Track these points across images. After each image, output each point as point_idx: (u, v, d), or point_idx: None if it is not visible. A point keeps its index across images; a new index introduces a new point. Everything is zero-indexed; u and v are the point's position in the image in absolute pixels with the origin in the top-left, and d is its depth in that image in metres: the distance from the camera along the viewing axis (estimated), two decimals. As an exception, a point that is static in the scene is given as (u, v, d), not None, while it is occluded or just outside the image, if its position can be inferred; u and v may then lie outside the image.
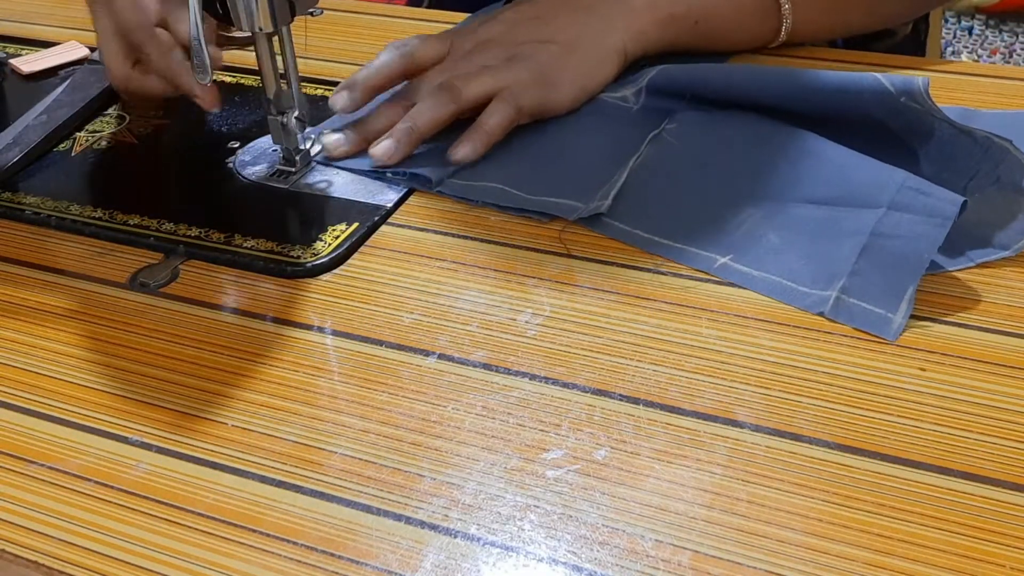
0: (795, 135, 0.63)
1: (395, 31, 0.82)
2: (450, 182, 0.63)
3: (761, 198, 0.60)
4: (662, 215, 0.60)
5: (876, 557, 0.41)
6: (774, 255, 0.57)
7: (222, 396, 0.51)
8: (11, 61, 0.78)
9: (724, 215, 0.60)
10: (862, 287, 0.53)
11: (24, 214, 0.64)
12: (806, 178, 0.60)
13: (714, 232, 0.59)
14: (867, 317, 0.52)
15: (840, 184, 0.59)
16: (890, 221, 0.56)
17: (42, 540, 0.45)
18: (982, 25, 2.48)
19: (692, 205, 0.61)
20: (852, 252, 0.55)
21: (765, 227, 0.58)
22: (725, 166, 0.63)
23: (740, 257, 0.57)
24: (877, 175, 0.59)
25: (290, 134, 0.65)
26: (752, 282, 0.55)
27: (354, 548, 0.43)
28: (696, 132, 0.66)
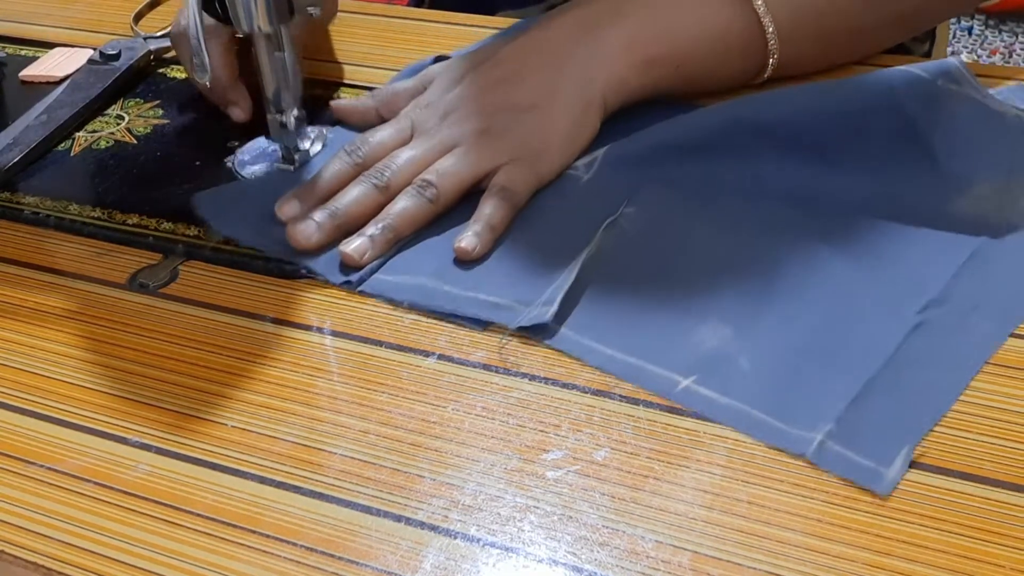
0: (784, 232, 0.55)
1: (395, 31, 0.82)
2: (376, 279, 0.56)
3: (732, 311, 0.52)
4: (616, 324, 0.52)
5: (876, 558, 0.41)
6: (745, 380, 0.49)
7: (221, 397, 0.51)
8: (21, 74, 0.78)
9: (687, 328, 0.51)
10: (850, 435, 0.46)
11: (23, 214, 0.64)
12: (794, 293, 0.52)
13: (675, 348, 0.50)
14: (855, 468, 0.45)
15: (840, 304, 0.52)
16: (900, 361, 0.48)
17: (41, 541, 0.44)
18: (982, 25, 2.48)
19: (651, 313, 0.53)
20: (845, 394, 0.47)
21: (735, 348, 0.50)
22: (691, 266, 0.55)
23: (705, 379, 0.49)
24: (890, 294, 0.51)
25: (289, 133, 0.65)
26: (718, 411, 0.47)
27: (354, 549, 0.43)
28: (658, 219, 0.58)
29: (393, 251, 0.58)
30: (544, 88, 0.62)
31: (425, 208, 0.58)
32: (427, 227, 0.59)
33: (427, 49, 0.78)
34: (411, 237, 0.58)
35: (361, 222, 0.58)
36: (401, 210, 0.58)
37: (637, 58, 0.63)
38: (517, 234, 0.58)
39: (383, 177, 0.59)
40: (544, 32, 0.65)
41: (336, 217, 0.58)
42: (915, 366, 0.48)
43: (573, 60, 0.62)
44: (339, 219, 0.58)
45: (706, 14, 0.64)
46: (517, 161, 0.60)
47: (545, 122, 0.61)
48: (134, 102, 0.75)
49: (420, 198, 0.58)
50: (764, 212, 0.57)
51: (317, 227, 0.58)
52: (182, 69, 0.78)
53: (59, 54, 0.80)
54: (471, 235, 0.57)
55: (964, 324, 0.50)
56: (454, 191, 0.59)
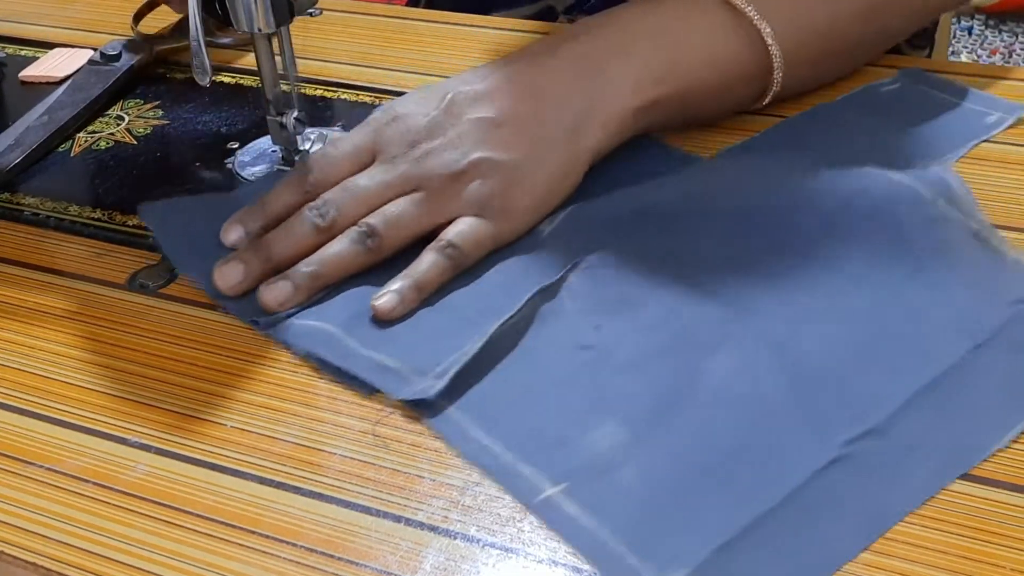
0: (722, 334, 0.49)
1: (395, 31, 0.82)
2: (283, 325, 0.53)
3: (640, 412, 0.46)
4: (507, 409, 0.47)
5: (876, 558, 0.41)
6: (620, 497, 0.43)
7: (221, 397, 0.51)
8: (21, 74, 0.78)
9: (584, 426, 0.46)
10: None
11: (23, 215, 0.64)
12: (714, 399, 0.46)
13: (561, 447, 0.45)
14: None
15: (762, 421, 0.45)
16: (801, 501, 0.42)
17: (40, 541, 0.44)
18: (982, 25, 2.48)
19: (551, 403, 0.47)
20: (722, 533, 0.41)
21: (624, 456, 0.44)
22: (612, 356, 0.49)
23: (575, 489, 0.43)
24: (824, 416, 0.45)
25: (289, 134, 0.65)
26: (572, 534, 0.42)
27: (353, 549, 0.43)
28: (599, 291, 0.52)
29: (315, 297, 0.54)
30: (534, 135, 0.56)
31: (362, 257, 0.54)
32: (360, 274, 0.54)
33: (426, 49, 0.79)
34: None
35: (293, 262, 0.54)
36: (334, 256, 0.54)
37: (642, 100, 0.59)
38: (444, 288, 0.53)
39: (326, 216, 0.54)
40: (545, 65, 0.59)
41: (268, 261, 0.54)
42: (816, 511, 0.42)
43: (573, 102, 0.58)
44: (270, 263, 0.54)
45: (714, 43, 0.61)
46: (477, 218, 0.55)
47: (521, 178, 0.55)
48: (134, 103, 0.75)
49: (359, 244, 0.54)
50: (706, 310, 0.51)
51: (244, 270, 0.54)
52: (182, 70, 0.78)
53: (59, 54, 0.80)
54: (393, 293, 0.52)
55: (897, 465, 0.44)
56: (398, 242, 0.55)
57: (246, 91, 0.75)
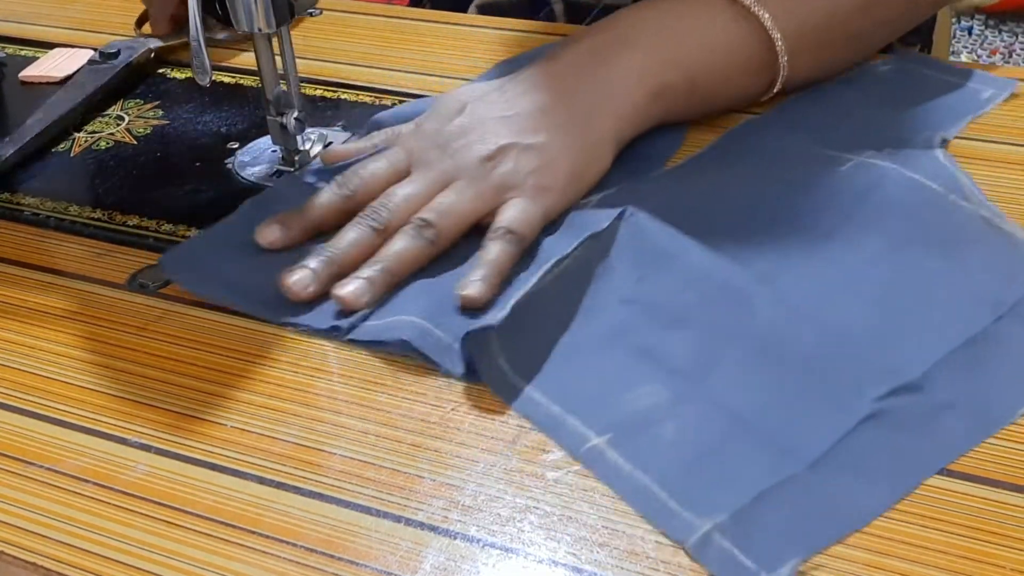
0: (756, 293, 0.51)
1: (394, 31, 0.82)
2: (365, 326, 0.53)
3: (677, 375, 0.48)
4: (555, 367, 0.49)
5: (876, 558, 0.41)
6: (661, 450, 0.45)
7: (221, 397, 0.51)
8: (21, 74, 0.78)
9: (621, 382, 0.48)
10: (742, 532, 0.42)
11: (23, 215, 0.64)
12: (750, 359, 0.48)
13: (604, 403, 0.47)
14: (734, 566, 0.41)
15: (796, 378, 0.47)
16: (834, 458, 0.44)
17: (40, 542, 0.44)
18: (982, 25, 2.49)
19: (581, 352, 0.50)
20: (758, 484, 0.43)
21: (665, 413, 0.46)
22: (655, 309, 0.51)
23: (619, 441, 0.45)
24: (856, 371, 0.47)
25: (289, 135, 0.65)
26: (617, 480, 0.44)
27: (353, 549, 0.43)
28: (641, 243, 0.54)
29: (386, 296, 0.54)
30: (551, 122, 0.59)
31: (424, 249, 0.55)
32: (424, 268, 0.56)
33: (426, 49, 0.79)
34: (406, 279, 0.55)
35: (356, 266, 0.55)
36: (399, 251, 0.55)
37: (650, 87, 0.62)
38: None
39: (380, 218, 0.56)
40: (552, 65, 0.62)
41: (332, 264, 0.55)
42: (850, 466, 0.44)
43: (583, 94, 0.60)
44: (335, 266, 0.55)
45: (714, 34, 0.63)
46: (522, 198, 0.57)
47: (551, 157, 0.58)
48: (134, 103, 0.75)
49: (419, 239, 0.55)
50: (742, 272, 0.53)
51: (313, 276, 0.54)
52: (182, 70, 0.78)
53: (59, 54, 0.80)
54: (478, 282, 0.52)
55: (930, 423, 0.45)
56: (454, 231, 0.56)
57: (246, 91, 0.75)
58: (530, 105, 0.60)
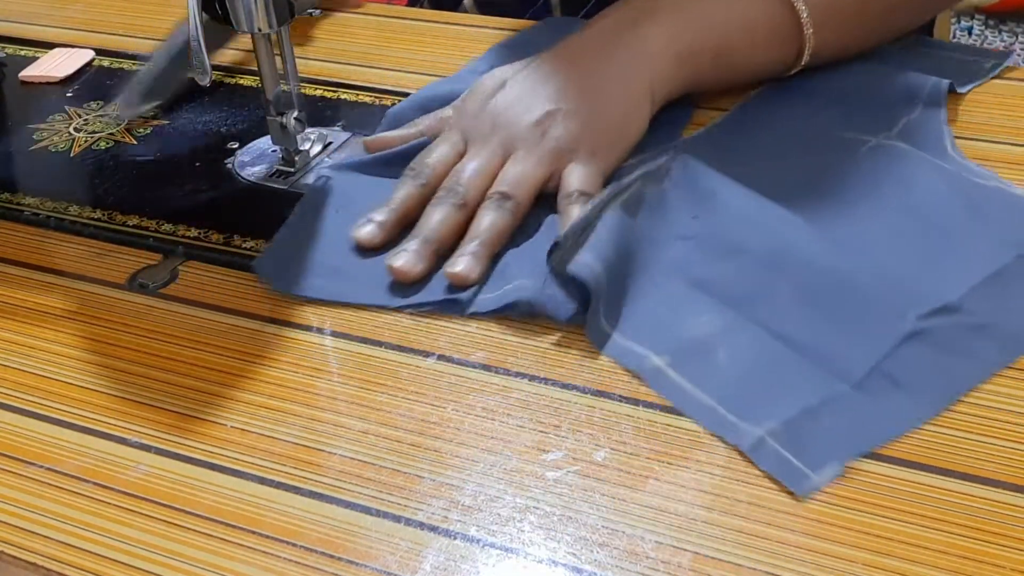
0: (803, 224, 0.56)
1: (394, 31, 0.82)
2: (481, 298, 0.55)
3: (729, 306, 0.52)
4: (616, 296, 0.53)
5: (876, 558, 0.41)
6: (716, 372, 0.49)
7: (221, 397, 0.51)
8: (21, 74, 0.78)
9: (676, 310, 0.53)
10: (792, 437, 0.46)
11: (23, 215, 0.64)
12: (799, 282, 0.53)
13: (662, 330, 0.52)
14: (784, 466, 0.45)
15: (842, 298, 0.52)
16: (878, 375, 0.48)
17: (40, 542, 0.44)
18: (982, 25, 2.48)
19: (644, 284, 0.54)
20: (806, 399, 0.48)
21: (718, 342, 0.51)
22: (709, 244, 0.56)
23: (678, 363, 0.50)
24: (899, 293, 0.51)
25: (289, 135, 0.65)
26: (682, 398, 0.49)
27: (353, 549, 0.43)
28: (695, 182, 0.59)
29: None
30: (590, 86, 0.62)
31: (509, 220, 0.58)
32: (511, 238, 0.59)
33: (426, 49, 0.79)
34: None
35: (450, 243, 0.58)
36: (489, 225, 0.58)
37: (677, 51, 0.64)
38: None
39: (458, 194, 0.59)
40: (582, 37, 0.65)
41: (429, 243, 0.57)
42: (890, 385, 0.48)
43: (616, 59, 0.63)
44: (432, 244, 0.57)
45: (738, 5, 0.66)
46: (580, 158, 0.60)
47: (595, 119, 0.61)
48: (134, 103, 0.74)
49: (502, 210, 0.58)
50: (787, 212, 0.57)
51: (417, 256, 0.57)
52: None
53: (59, 54, 0.80)
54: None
55: (966, 343, 0.49)
56: (530, 197, 0.60)
57: (246, 91, 0.75)
58: (567, 74, 0.63)
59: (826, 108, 0.67)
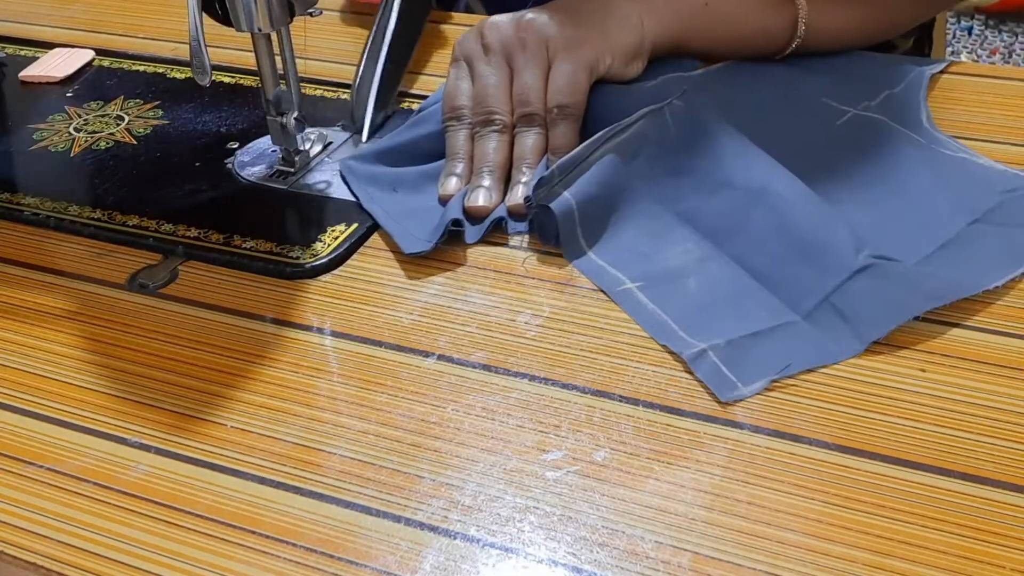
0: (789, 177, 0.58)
1: (394, 31, 0.81)
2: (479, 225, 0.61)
3: (708, 237, 0.57)
4: (603, 223, 0.59)
5: (876, 558, 0.41)
6: (683, 298, 0.54)
7: (221, 397, 0.51)
8: (21, 74, 0.78)
9: (657, 240, 0.58)
10: (734, 355, 0.50)
11: (23, 215, 0.64)
12: (767, 231, 0.56)
13: (640, 260, 0.57)
14: (717, 377, 0.49)
15: (803, 235, 0.55)
16: (825, 311, 0.52)
17: (40, 541, 0.44)
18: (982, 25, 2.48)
19: (632, 215, 0.59)
20: (760, 325, 0.52)
21: (691, 270, 0.56)
22: (699, 179, 0.60)
23: (648, 287, 0.55)
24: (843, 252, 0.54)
25: (289, 135, 0.65)
26: (641, 314, 0.53)
27: (353, 549, 0.43)
28: (696, 119, 0.63)
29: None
30: (584, 13, 0.66)
31: (576, 127, 0.63)
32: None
33: (426, 49, 0.79)
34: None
35: (506, 167, 0.63)
36: (560, 146, 0.62)
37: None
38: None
39: (497, 121, 0.63)
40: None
41: (493, 175, 0.62)
42: (837, 317, 0.52)
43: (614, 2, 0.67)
44: (496, 175, 0.62)
45: None
46: (611, 51, 0.65)
47: (606, 17, 0.66)
48: (134, 102, 0.75)
49: (566, 125, 0.63)
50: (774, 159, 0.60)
51: (488, 193, 0.61)
52: (182, 70, 0.78)
53: (59, 54, 0.80)
54: None
55: (912, 279, 0.53)
56: (585, 97, 0.64)
57: (246, 91, 0.75)
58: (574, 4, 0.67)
59: (815, 76, 0.69)
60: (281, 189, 0.65)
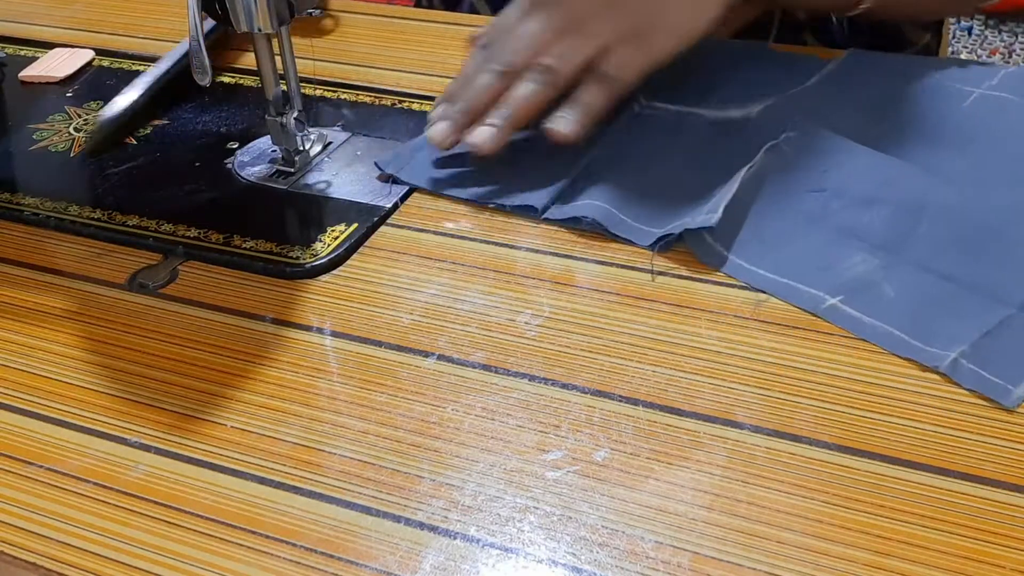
0: (945, 164, 0.59)
1: (395, 31, 0.82)
2: (555, 208, 0.60)
3: (879, 248, 0.55)
4: (768, 246, 0.56)
5: (876, 558, 0.41)
6: (887, 305, 0.52)
7: (221, 397, 0.51)
8: (21, 74, 0.78)
9: (832, 255, 0.55)
10: (983, 357, 0.49)
11: (23, 215, 0.64)
12: (948, 221, 0.56)
13: (823, 272, 0.55)
14: (985, 384, 0.48)
15: (992, 236, 0.55)
16: None
17: (40, 541, 0.44)
18: (982, 25, 2.48)
19: (803, 238, 0.57)
20: (982, 325, 0.51)
21: (881, 276, 0.54)
22: (844, 195, 0.59)
23: (850, 300, 0.53)
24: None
25: (289, 135, 0.65)
26: (862, 329, 0.51)
27: (353, 549, 0.43)
28: (817, 145, 0.62)
29: (565, 183, 0.62)
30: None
31: (544, 93, 0.61)
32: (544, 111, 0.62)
33: (426, 49, 0.79)
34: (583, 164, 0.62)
35: (488, 108, 0.62)
36: (522, 96, 0.61)
37: None
38: (681, 170, 0.62)
39: (505, 62, 0.62)
40: None
41: (468, 113, 0.62)
42: None
43: None
44: (470, 115, 0.62)
45: None
46: (628, 44, 0.62)
47: (656, 9, 0.63)
48: (134, 103, 0.74)
49: (539, 84, 0.61)
50: (911, 164, 0.60)
51: (451, 127, 0.62)
52: (182, 70, 0.78)
53: (59, 54, 0.80)
54: (567, 120, 0.61)
55: None
56: (571, 72, 0.61)
57: (246, 91, 0.75)
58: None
59: (926, 66, 0.69)
60: (281, 189, 0.65)
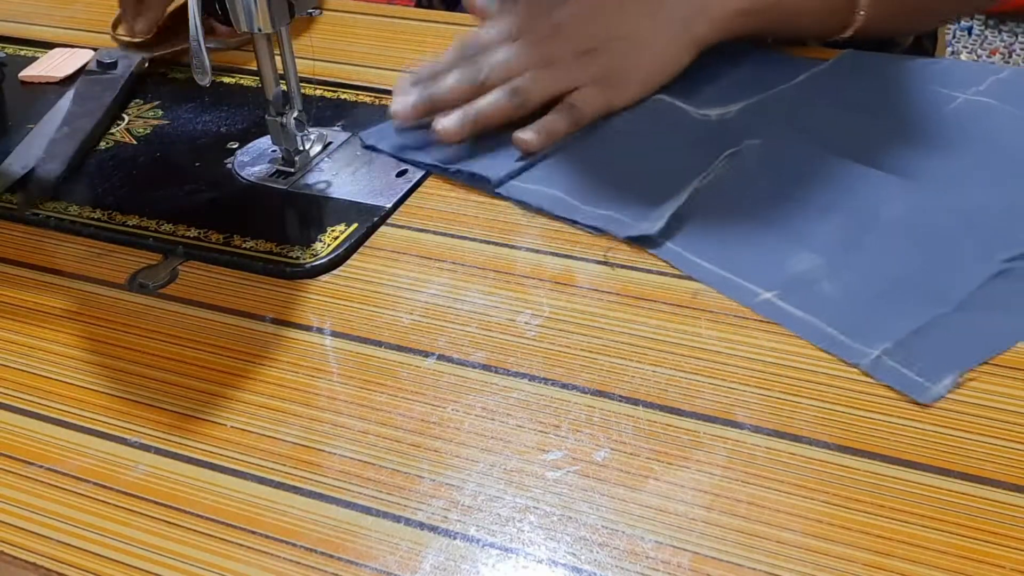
0: (895, 177, 0.59)
1: (396, 31, 0.82)
2: (510, 185, 0.63)
3: (830, 242, 0.56)
4: (715, 242, 0.57)
5: (876, 558, 0.41)
6: (822, 301, 0.53)
7: (221, 397, 0.51)
8: (21, 74, 0.78)
9: (782, 253, 0.56)
10: (906, 355, 0.49)
11: (23, 215, 0.64)
12: (893, 229, 0.56)
13: (765, 268, 0.55)
14: (904, 381, 0.49)
15: (935, 246, 0.55)
16: (974, 301, 0.52)
17: (40, 541, 0.44)
18: (982, 25, 2.48)
19: (751, 237, 0.58)
20: (912, 323, 0.51)
21: (821, 274, 0.55)
22: (800, 199, 0.60)
23: (786, 295, 0.53)
24: (985, 242, 0.55)
25: (289, 135, 0.65)
26: (790, 322, 0.52)
27: (353, 549, 0.43)
28: (778, 152, 0.63)
29: (528, 163, 0.64)
30: (645, 21, 0.67)
31: (510, 109, 0.65)
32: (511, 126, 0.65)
33: (426, 49, 0.79)
34: (550, 149, 0.65)
35: (449, 104, 0.66)
36: (490, 104, 0.65)
37: (747, 3, 0.67)
38: (644, 163, 0.64)
39: (481, 74, 0.66)
40: None
41: (431, 102, 0.66)
42: (988, 307, 0.52)
43: (684, 2, 0.67)
44: (433, 104, 0.66)
45: None
46: (596, 85, 0.66)
47: (635, 53, 0.67)
48: (134, 103, 0.75)
49: (509, 99, 0.65)
50: (875, 171, 0.61)
51: (412, 110, 0.66)
52: (182, 70, 0.78)
53: (59, 54, 0.80)
54: (532, 133, 0.64)
55: None
56: (538, 100, 0.66)
57: (246, 91, 0.75)
58: (633, 6, 0.67)
59: (917, 68, 0.69)
60: (281, 189, 0.65)
